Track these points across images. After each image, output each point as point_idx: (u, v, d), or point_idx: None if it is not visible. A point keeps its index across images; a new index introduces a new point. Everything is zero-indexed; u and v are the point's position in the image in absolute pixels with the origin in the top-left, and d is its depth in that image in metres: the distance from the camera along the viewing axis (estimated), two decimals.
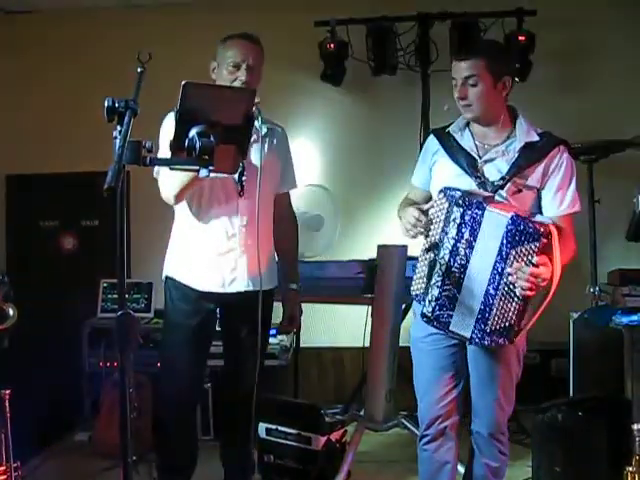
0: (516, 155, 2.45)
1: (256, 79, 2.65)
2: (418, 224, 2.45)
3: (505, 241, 2.28)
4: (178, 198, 2.60)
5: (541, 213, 2.49)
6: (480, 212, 2.34)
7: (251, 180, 2.55)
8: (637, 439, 2.22)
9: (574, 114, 4.50)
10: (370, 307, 3.53)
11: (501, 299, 2.32)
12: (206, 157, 1.93)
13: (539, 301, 2.36)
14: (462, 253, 2.37)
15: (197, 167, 1.99)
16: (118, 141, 1.87)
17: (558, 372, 4.48)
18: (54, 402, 4.00)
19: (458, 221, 2.37)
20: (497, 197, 2.43)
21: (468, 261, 2.37)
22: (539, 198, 2.49)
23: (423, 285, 2.49)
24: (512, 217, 2.28)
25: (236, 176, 2.52)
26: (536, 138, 2.48)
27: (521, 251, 2.27)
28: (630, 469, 2.24)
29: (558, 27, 4.50)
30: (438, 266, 2.42)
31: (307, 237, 4.26)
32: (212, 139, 1.94)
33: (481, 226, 2.34)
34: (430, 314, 2.46)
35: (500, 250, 2.30)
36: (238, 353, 2.84)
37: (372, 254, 3.50)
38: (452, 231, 2.39)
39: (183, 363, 2.75)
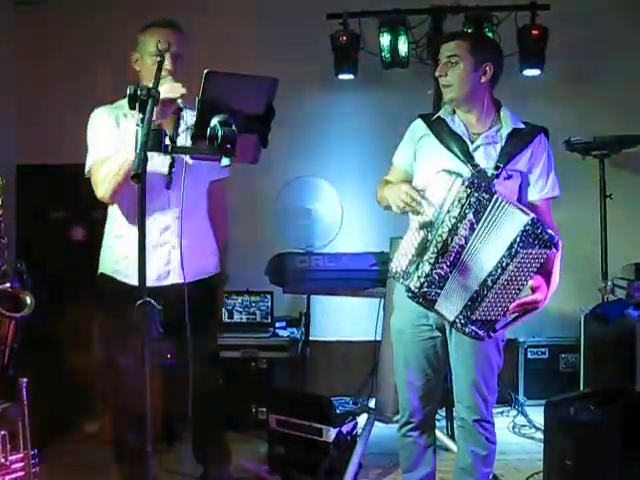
0: (504, 141, 2.51)
1: (181, 66, 2.62)
2: (413, 202, 2.41)
3: (519, 239, 2.27)
4: (113, 197, 2.61)
5: (522, 196, 2.56)
6: (487, 196, 2.32)
7: (180, 172, 2.50)
8: None
9: (587, 109, 4.49)
10: (382, 299, 3.54)
11: (496, 293, 2.33)
12: (228, 146, 1.93)
13: None
14: (461, 234, 2.35)
15: (218, 156, 1.99)
16: (141, 129, 1.88)
17: (567, 367, 4.50)
18: (64, 392, 4.01)
19: (463, 201, 2.34)
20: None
21: (467, 243, 2.36)
22: (522, 182, 2.55)
23: (406, 262, 2.45)
24: (533, 219, 2.27)
25: (166, 169, 2.51)
26: (522, 125, 2.56)
27: (531, 254, 2.28)
28: None
29: (572, 22, 4.48)
30: (434, 243, 2.39)
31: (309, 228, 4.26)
32: (234, 128, 1.94)
33: (487, 210, 2.32)
34: (417, 289, 2.42)
35: (511, 246, 2.28)
36: (180, 348, 2.81)
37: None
38: (455, 210, 2.35)
39: (122, 358, 2.71)
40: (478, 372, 2.56)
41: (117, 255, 2.76)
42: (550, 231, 2.29)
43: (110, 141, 2.64)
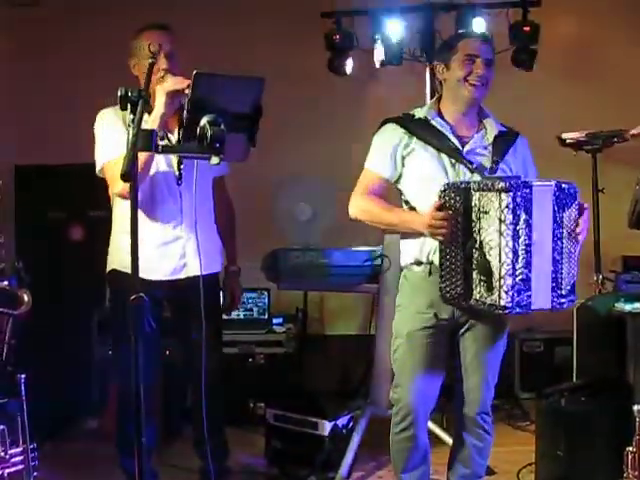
0: (491, 145, 2.58)
1: (175, 64, 2.69)
2: (445, 224, 2.39)
3: (556, 207, 2.38)
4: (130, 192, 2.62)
5: None
6: (528, 190, 2.35)
7: (188, 168, 2.59)
8: (637, 420, 2.27)
9: (578, 104, 4.53)
10: (376, 295, 3.57)
11: (566, 261, 2.41)
12: (217, 145, 1.98)
13: None
14: (524, 234, 2.35)
15: (208, 155, 2.03)
16: (131, 129, 1.93)
17: (562, 360, 4.52)
18: (63, 389, 4.06)
19: (511, 206, 2.33)
20: None
21: (531, 240, 2.37)
22: None
23: (461, 285, 2.43)
24: (556, 184, 2.39)
25: (175, 165, 2.61)
26: (502, 129, 2.62)
27: (570, 212, 2.40)
28: (630, 449, 2.28)
29: (563, 18, 4.52)
30: (502, 258, 2.34)
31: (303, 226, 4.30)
32: (223, 127, 1.99)
33: (532, 203, 2.36)
34: (510, 304, 2.36)
35: (555, 217, 2.38)
36: (189, 340, 2.87)
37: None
38: (508, 217, 2.33)
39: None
40: (489, 367, 2.62)
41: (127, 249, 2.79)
42: (568, 184, 2.42)
43: (120, 139, 2.59)
